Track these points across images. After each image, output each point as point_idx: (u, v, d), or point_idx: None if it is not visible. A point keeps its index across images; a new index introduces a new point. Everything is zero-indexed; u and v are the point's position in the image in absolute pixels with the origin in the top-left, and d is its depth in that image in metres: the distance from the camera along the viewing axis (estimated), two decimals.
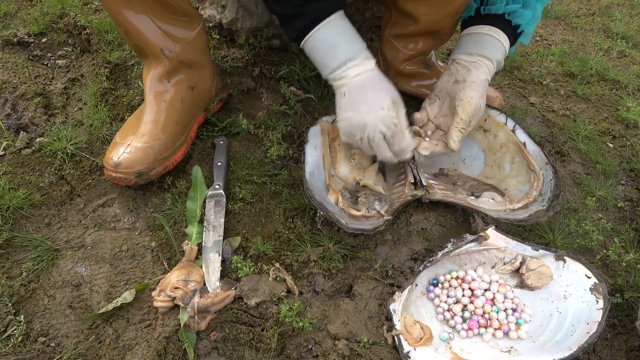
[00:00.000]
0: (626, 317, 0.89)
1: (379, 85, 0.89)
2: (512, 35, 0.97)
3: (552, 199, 0.95)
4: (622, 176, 1.18)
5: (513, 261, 0.90)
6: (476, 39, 0.97)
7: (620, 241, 0.99)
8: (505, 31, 0.95)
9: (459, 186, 1.03)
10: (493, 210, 0.96)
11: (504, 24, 0.95)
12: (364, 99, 0.88)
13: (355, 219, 0.93)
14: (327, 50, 0.87)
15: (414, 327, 0.81)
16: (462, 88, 0.95)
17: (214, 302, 0.81)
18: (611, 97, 1.42)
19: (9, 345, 0.76)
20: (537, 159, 1.01)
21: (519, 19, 0.95)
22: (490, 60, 0.96)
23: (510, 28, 0.96)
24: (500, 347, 0.83)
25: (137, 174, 0.94)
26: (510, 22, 0.95)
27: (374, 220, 0.93)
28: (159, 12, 0.93)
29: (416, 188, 0.99)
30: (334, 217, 0.89)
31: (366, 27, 1.46)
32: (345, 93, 0.89)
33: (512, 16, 0.95)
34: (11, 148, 1.04)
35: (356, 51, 0.88)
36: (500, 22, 0.95)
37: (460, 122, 0.95)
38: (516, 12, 0.94)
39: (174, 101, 1.00)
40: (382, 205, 0.96)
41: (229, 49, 1.33)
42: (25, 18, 1.40)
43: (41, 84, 1.21)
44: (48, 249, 0.89)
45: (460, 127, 0.96)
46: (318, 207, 0.89)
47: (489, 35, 0.96)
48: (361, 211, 0.94)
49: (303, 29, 0.86)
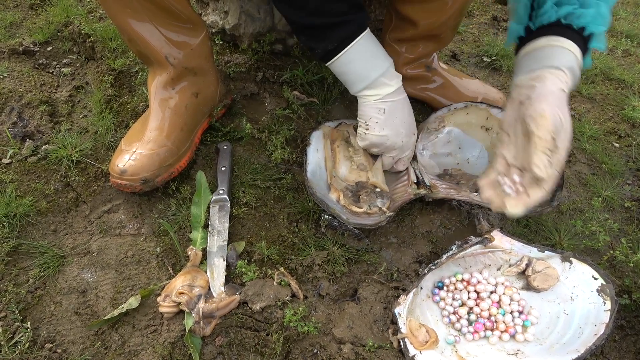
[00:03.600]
0: (634, 318, 0.88)
1: (409, 109, 0.96)
2: (579, 41, 0.77)
3: (556, 190, 0.94)
4: (628, 176, 1.18)
5: (519, 263, 0.89)
6: (534, 55, 0.79)
7: (628, 242, 0.98)
8: (568, 37, 0.77)
9: (463, 184, 1.03)
10: None
11: (565, 30, 0.77)
12: (402, 121, 0.93)
13: (356, 215, 0.94)
14: (367, 60, 0.87)
15: (420, 330, 0.81)
16: (529, 105, 0.74)
17: (219, 307, 0.81)
18: (616, 96, 1.41)
19: (16, 352, 0.77)
20: None
21: (579, 20, 0.77)
22: (559, 68, 0.75)
23: (574, 33, 0.77)
24: (507, 350, 0.82)
25: (143, 181, 0.95)
26: (570, 27, 0.77)
27: (375, 216, 0.94)
28: (163, 20, 0.94)
29: (419, 187, 0.99)
30: (335, 213, 0.90)
31: None
32: (385, 110, 0.91)
33: (569, 19, 0.77)
34: (17, 156, 1.05)
35: (391, 62, 0.91)
36: (558, 29, 0.78)
37: (539, 141, 0.71)
38: (573, 13, 0.77)
39: (178, 108, 1.01)
40: (384, 202, 0.97)
41: (232, 55, 1.34)
42: (31, 27, 1.42)
43: (47, 92, 1.22)
44: (54, 255, 0.90)
45: (541, 147, 0.71)
46: (319, 203, 0.90)
47: (548, 46, 0.77)
48: (363, 208, 0.95)
49: (345, 40, 0.84)
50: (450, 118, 1.09)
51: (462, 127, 1.09)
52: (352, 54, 0.86)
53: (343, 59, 0.87)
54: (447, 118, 1.09)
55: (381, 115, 0.91)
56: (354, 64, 0.87)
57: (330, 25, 0.84)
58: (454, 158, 1.09)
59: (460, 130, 1.09)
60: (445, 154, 1.10)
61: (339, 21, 0.83)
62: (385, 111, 0.90)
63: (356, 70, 0.88)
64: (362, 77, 0.89)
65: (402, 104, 0.93)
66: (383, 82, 0.89)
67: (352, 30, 0.84)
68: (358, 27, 0.85)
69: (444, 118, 1.09)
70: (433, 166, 1.08)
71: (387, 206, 0.96)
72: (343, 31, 0.84)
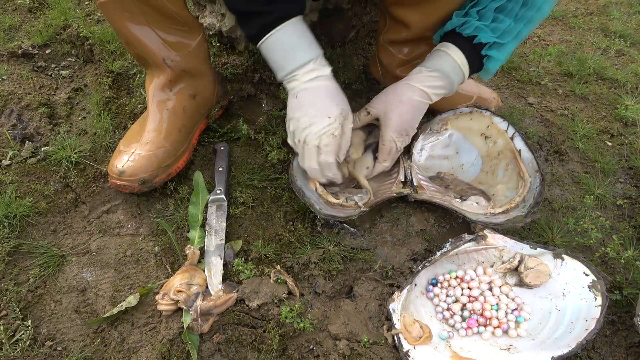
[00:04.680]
0: (625, 313, 0.90)
1: (331, 94, 0.90)
2: (468, 49, 0.93)
3: (533, 205, 0.96)
4: (620, 174, 1.19)
5: (511, 260, 0.91)
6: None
7: (619, 238, 1.00)
8: (455, 43, 0.93)
9: (450, 189, 1.05)
10: (473, 213, 0.97)
11: (455, 38, 0.94)
12: (313, 103, 0.89)
13: (331, 205, 0.95)
14: (286, 52, 0.87)
15: (413, 326, 0.82)
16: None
17: (217, 305, 0.83)
18: (609, 95, 1.42)
19: (17, 350, 0.78)
20: (528, 166, 1.01)
21: (470, 29, 0.92)
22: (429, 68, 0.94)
23: (463, 40, 0.93)
24: (499, 345, 0.84)
25: (141, 182, 0.96)
26: (461, 35, 0.93)
27: (349, 210, 0.96)
28: (160, 23, 0.95)
29: (404, 186, 1.00)
30: (309, 202, 0.92)
31: (364, 32, 1.48)
32: (297, 94, 0.89)
33: (462, 28, 0.93)
34: (17, 157, 1.06)
35: (314, 56, 0.88)
36: (452, 37, 0.95)
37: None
38: (466, 23, 0.92)
39: (176, 109, 1.02)
40: (362, 198, 0.98)
41: (229, 56, 1.35)
42: (30, 30, 1.44)
43: (45, 94, 1.23)
44: (54, 255, 0.91)
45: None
46: (297, 192, 0.93)
47: (435, 50, 0.96)
48: (339, 200, 0.96)
49: (264, 28, 0.85)
50: (454, 122, 1.10)
51: (463, 132, 1.10)
52: (272, 43, 0.86)
53: (263, 47, 0.88)
54: (450, 121, 1.10)
55: (294, 99, 0.90)
56: (272, 53, 0.88)
57: (250, 13, 0.85)
58: (449, 162, 1.10)
59: (461, 134, 1.10)
60: (442, 156, 1.11)
61: (260, 10, 0.84)
62: (297, 95, 0.89)
63: (275, 59, 0.89)
64: (279, 67, 0.89)
65: (317, 87, 0.89)
66: (300, 74, 0.88)
67: (270, 21, 0.85)
68: (278, 17, 0.84)
69: (447, 121, 1.10)
70: (428, 168, 1.09)
71: (365, 202, 0.97)
72: (262, 20, 0.85)
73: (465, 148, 1.10)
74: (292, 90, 0.90)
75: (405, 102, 0.94)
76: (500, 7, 0.90)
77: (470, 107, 1.09)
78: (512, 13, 0.90)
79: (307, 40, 0.88)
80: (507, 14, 0.90)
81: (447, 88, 0.95)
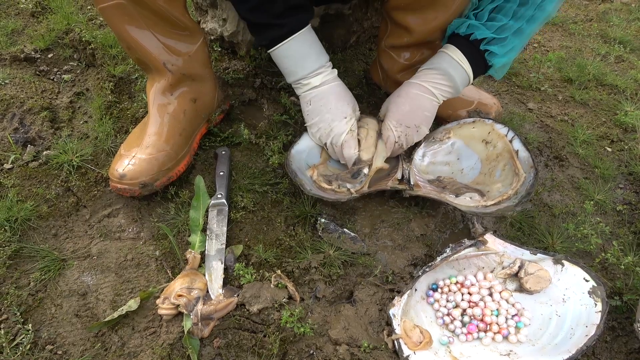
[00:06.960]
0: (625, 319, 0.90)
1: (340, 95, 1.00)
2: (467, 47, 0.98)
3: (524, 196, 0.97)
4: (620, 180, 1.19)
5: (511, 265, 0.91)
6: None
7: (619, 244, 1.00)
8: (455, 44, 0.99)
9: (447, 190, 1.05)
10: (465, 206, 0.98)
11: (455, 39, 1.00)
12: (328, 108, 0.99)
13: (322, 190, 0.99)
14: (296, 60, 0.95)
15: (414, 331, 0.82)
16: None
17: (217, 309, 0.83)
18: (609, 101, 1.43)
19: (18, 353, 0.78)
20: (524, 164, 1.02)
21: (467, 29, 0.98)
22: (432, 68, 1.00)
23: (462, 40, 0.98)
24: (499, 351, 0.84)
25: (142, 185, 0.96)
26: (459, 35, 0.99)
27: (340, 195, 0.99)
28: (161, 27, 0.95)
29: (400, 184, 1.01)
30: (300, 182, 0.96)
31: (365, 37, 1.49)
32: (310, 101, 0.99)
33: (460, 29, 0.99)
34: (19, 161, 1.07)
35: (322, 63, 0.97)
36: (453, 39, 1.01)
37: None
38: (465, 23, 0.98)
39: (177, 113, 1.03)
40: (355, 186, 1.01)
41: (231, 61, 1.36)
42: (32, 34, 1.44)
43: (47, 98, 1.24)
44: (55, 259, 0.91)
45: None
46: (290, 174, 0.97)
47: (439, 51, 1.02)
48: (332, 186, 1.00)
49: (276, 39, 0.93)
50: (457, 131, 1.11)
51: (465, 140, 1.11)
52: (283, 51, 0.95)
53: (274, 54, 0.97)
54: (453, 130, 1.11)
55: (308, 106, 1.01)
56: (283, 61, 0.97)
57: (263, 25, 0.92)
58: (450, 168, 1.11)
59: (463, 142, 1.11)
60: (443, 163, 1.11)
61: (272, 23, 0.90)
62: (310, 102, 1.00)
63: (285, 66, 0.98)
64: (290, 72, 0.98)
65: (327, 91, 0.99)
66: (310, 79, 0.97)
67: (281, 34, 0.92)
68: (289, 31, 0.92)
69: (450, 130, 1.11)
70: (428, 173, 1.10)
71: (357, 190, 1.00)
72: (274, 33, 0.92)
73: (466, 154, 1.11)
74: (303, 96, 1.00)
75: (402, 95, 1.02)
76: (498, 8, 0.95)
77: (474, 117, 1.11)
78: (510, 12, 0.94)
79: (317, 48, 0.96)
80: (504, 14, 0.94)
81: (449, 83, 0.99)
